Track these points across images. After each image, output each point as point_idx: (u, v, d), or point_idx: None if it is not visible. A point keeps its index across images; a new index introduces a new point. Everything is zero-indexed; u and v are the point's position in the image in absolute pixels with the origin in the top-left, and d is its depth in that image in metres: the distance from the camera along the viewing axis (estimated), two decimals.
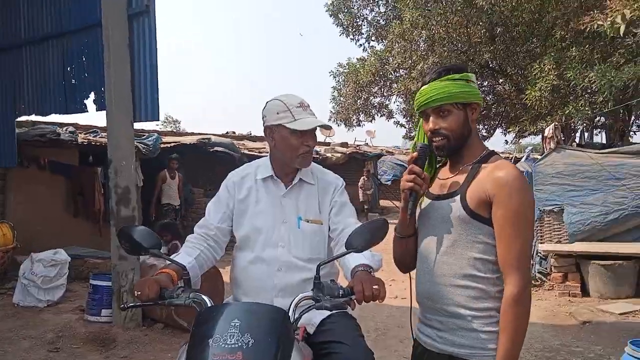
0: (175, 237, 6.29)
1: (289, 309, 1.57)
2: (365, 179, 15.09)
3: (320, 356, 1.78)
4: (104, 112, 5.27)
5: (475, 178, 1.58)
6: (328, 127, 2.11)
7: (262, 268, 1.98)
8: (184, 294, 1.63)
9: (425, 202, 1.71)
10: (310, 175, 2.09)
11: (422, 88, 1.67)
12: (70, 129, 8.32)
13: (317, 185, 2.08)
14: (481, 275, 1.56)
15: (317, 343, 1.83)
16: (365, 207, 14.74)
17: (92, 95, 5.73)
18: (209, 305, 1.60)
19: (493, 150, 1.67)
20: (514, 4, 7.64)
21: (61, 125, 8.50)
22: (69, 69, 5.89)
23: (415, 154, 1.66)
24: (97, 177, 8.85)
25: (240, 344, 1.35)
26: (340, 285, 1.61)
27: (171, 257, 1.84)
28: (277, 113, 1.95)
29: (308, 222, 2.01)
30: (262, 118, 2.03)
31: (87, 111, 5.82)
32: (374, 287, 1.54)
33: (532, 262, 7.06)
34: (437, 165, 1.79)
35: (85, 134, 8.84)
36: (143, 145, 8.38)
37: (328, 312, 1.91)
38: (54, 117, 6.74)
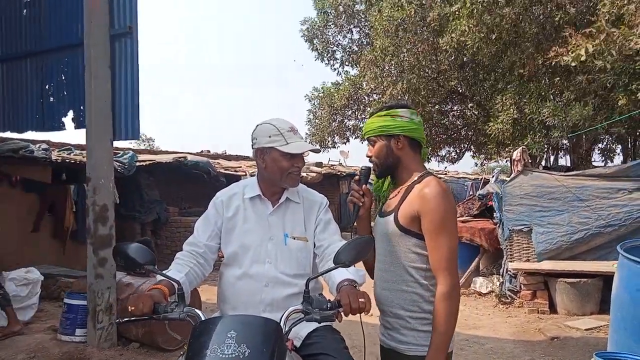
0: None
1: (280, 321, 1.65)
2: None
3: None
4: (77, 130, 5.28)
5: (406, 198, 1.86)
6: (317, 151, 2.26)
7: (250, 284, 2.06)
8: (178, 309, 1.70)
9: (376, 218, 2.01)
10: (296, 195, 2.19)
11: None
12: (44, 145, 8.18)
13: (303, 204, 2.18)
14: (416, 281, 1.83)
15: (305, 356, 1.91)
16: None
17: (70, 114, 5.68)
18: (203, 318, 1.67)
19: (428, 172, 1.93)
20: (475, 48, 8.09)
21: (34, 142, 8.36)
22: (47, 86, 5.85)
23: (357, 176, 2.08)
24: (70, 195, 8.73)
25: (237, 354, 1.42)
26: (328, 299, 1.71)
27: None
28: (269, 136, 2.05)
29: (294, 239, 2.11)
30: (252, 140, 2.13)
31: (64, 129, 5.77)
32: (360, 300, 1.64)
33: (501, 280, 7.28)
34: (390, 186, 2.08)
35: (59, 151, 8.73)
36: (119, 164, 8.33)
37: (314, 326, 2.00)
38: (27, 134, 6.65)
